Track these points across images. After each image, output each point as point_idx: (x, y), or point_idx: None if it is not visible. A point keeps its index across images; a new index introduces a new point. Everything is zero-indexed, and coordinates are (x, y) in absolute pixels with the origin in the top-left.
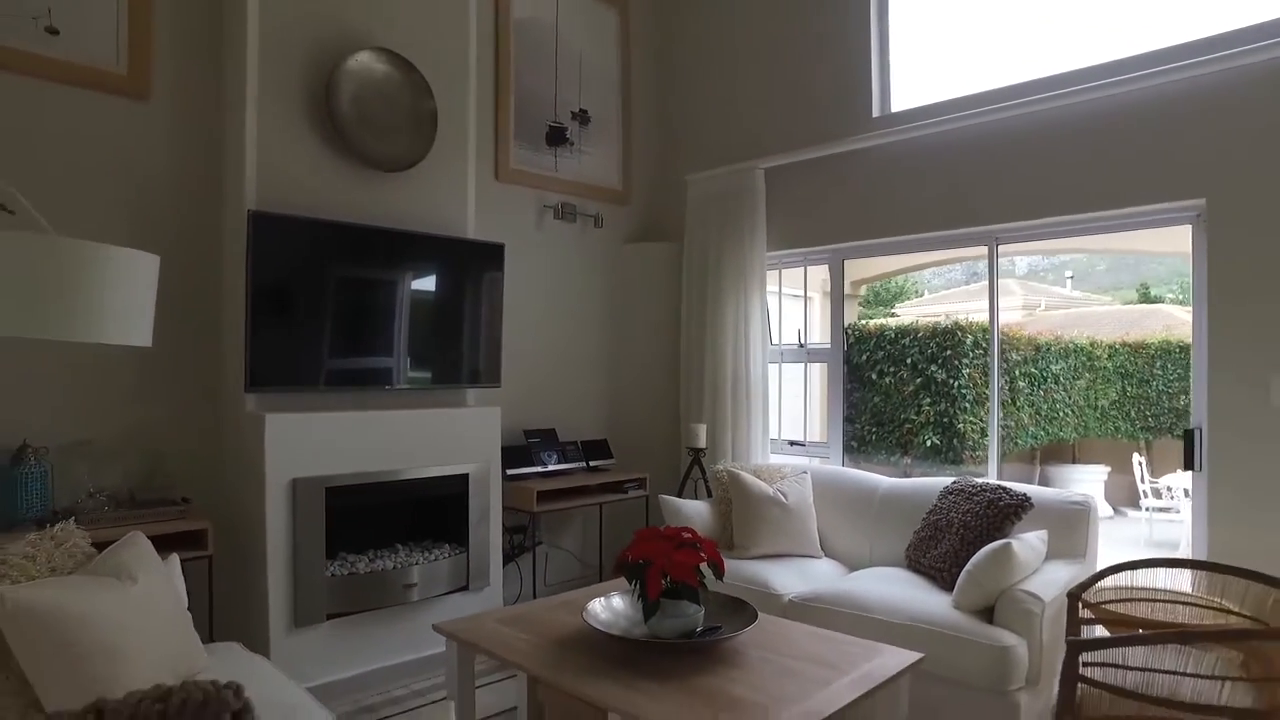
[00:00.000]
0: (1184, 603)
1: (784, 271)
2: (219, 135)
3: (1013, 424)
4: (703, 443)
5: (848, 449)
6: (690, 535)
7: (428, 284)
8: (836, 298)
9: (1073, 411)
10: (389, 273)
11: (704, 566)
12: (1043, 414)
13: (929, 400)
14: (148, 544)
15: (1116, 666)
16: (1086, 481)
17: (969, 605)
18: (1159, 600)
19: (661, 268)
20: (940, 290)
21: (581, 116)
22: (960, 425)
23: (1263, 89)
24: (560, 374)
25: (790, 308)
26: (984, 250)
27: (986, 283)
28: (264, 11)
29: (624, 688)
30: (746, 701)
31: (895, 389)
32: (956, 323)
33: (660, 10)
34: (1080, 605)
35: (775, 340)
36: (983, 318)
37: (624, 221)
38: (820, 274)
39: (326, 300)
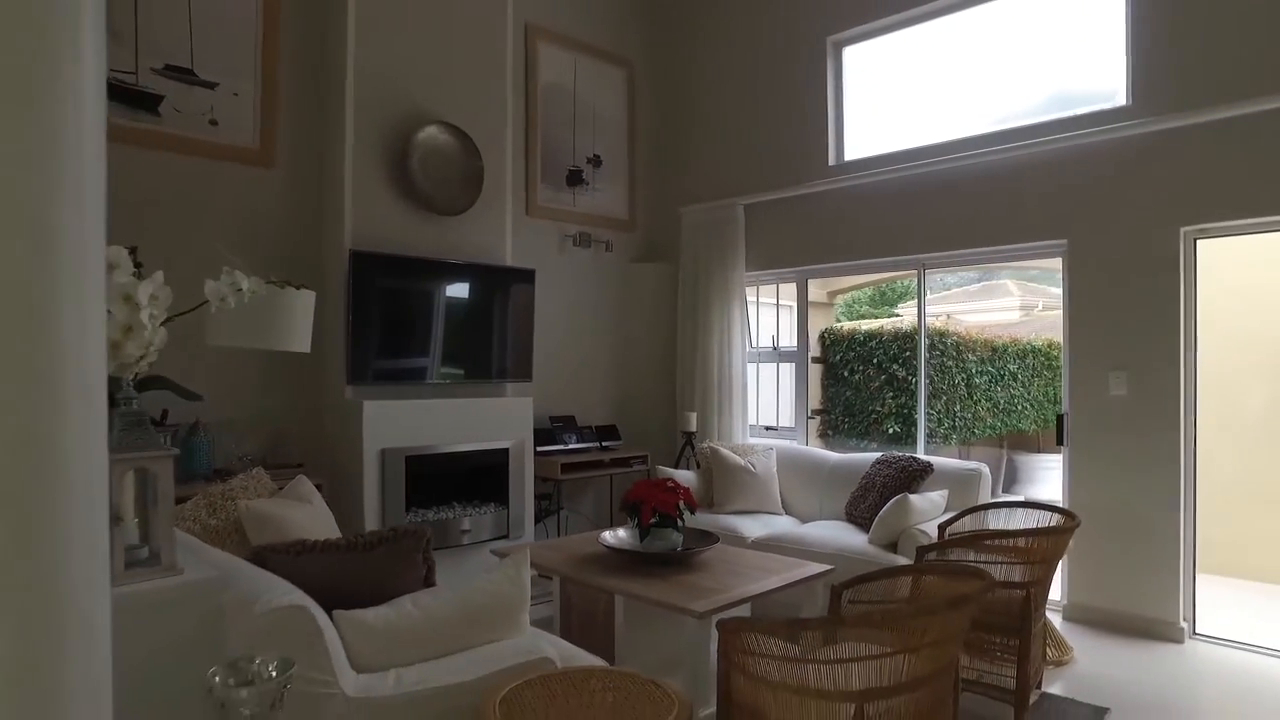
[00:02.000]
0: (1012, 532)
1: (762, 287)
2: (323, 190)
3: (970, 416)
4: (693, 427)
5: (823, 436)
6: (672, 484)
7: (476, 302)
8: (801, 310)
9: (1031, 405)
10: (445, 294)
11: (682, 505)
12: (1000, 407)
13: (892, 394)
14: (310, 483)
15: (949, 561)
16: (1050, 469)
17: (879, 541)
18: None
19: (660, 284)
20: (953, 288)
21: (595, 160)
22: (918, 416)
23: (1102, 159)
24: (578, 371)
25: (773, 316)
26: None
27: (986, 284)
28: (358, 97)
29: (626, 581)
30: (707, 587)
31: (864, 384)
32: (914, 326)
33: (660, 71)
34: (946, 534)
35: (754, 344)
36: (980, 319)
37: (630, 246)
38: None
39: (402, 316)
